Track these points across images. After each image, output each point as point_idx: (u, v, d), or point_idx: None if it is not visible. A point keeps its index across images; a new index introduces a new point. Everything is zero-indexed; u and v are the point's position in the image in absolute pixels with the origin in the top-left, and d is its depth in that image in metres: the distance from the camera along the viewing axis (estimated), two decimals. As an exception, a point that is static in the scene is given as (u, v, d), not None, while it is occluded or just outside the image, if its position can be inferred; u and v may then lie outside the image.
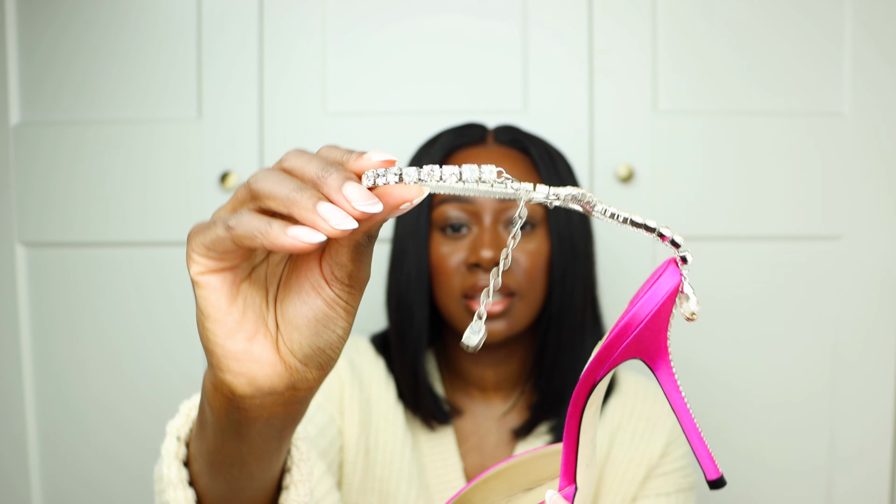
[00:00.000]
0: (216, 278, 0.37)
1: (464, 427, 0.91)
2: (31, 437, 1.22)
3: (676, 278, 0.38)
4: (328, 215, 0.33)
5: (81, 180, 1.20)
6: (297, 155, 0.37)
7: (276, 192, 0.34)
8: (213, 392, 0.39)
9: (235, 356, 0.37)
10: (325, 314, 0.38)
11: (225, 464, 0.44)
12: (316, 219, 0.33)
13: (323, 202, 0.34)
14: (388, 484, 0.86)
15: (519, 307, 0.85)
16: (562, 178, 0.88)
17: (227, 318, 0.37)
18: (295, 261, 0.39)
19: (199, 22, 1.18)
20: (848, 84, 1.16)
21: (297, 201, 0.34)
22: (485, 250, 0.81)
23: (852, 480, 1.18)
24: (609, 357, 0.38)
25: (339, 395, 0.86)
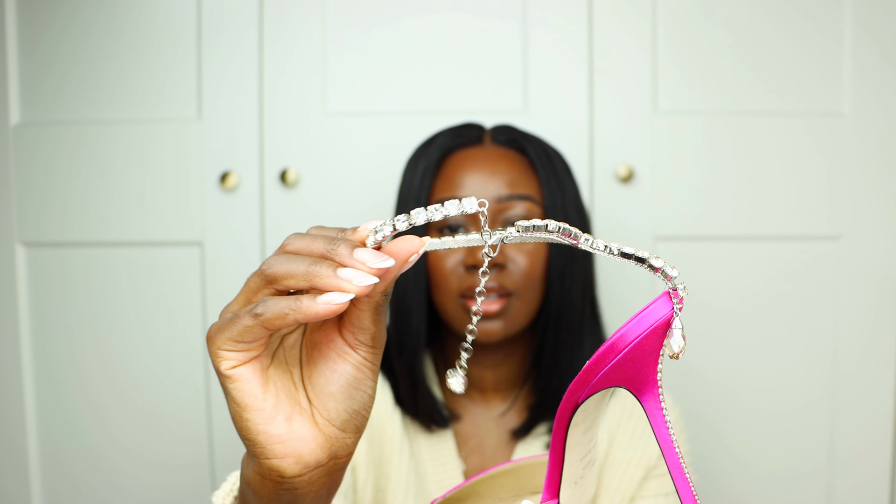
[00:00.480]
0: (247, 369, 0.38)
1: (463, 429, 0.91)
2: (30, 436, 1.22)
3: (667, 310, 0.36)
4: (350, 276, 0.36)
5: (81, 180, 1.20)
6: (298, 238, 0.39)
7: (294, 270, 0.37)
8: (261, 481, 0.40)
9: (279, 439, 0.38)
10: (355, 378, 0.40)
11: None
12: (339, 282, 0.36)
13: (342, 268, 0.36)
14: (386, 493, 0.86)
15: (516, 307, 0.85)
16: (559, 177, 0.87)
17: (265, 404, 0.38)
18: (312, 338, 0.41)
19: (199, 22, 1.18)
20: (848, 84, 1.16)
21: (317, 273, 0.36)
22: (482, 251, 0.81)
23: (852, 484, 1.18)
24: (590, 380, 0.38)
25: None
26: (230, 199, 1.18)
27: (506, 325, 0.85)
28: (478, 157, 0.86)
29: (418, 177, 0.87)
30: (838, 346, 1.18)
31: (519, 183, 0.85)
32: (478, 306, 0.40)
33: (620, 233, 1.17)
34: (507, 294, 0.84)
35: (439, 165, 0.87)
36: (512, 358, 0.91)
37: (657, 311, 0.36)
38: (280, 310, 0.36)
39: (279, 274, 0.37)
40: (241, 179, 1.18)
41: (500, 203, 0.84)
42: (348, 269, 0.36)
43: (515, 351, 0.91)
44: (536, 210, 0.85)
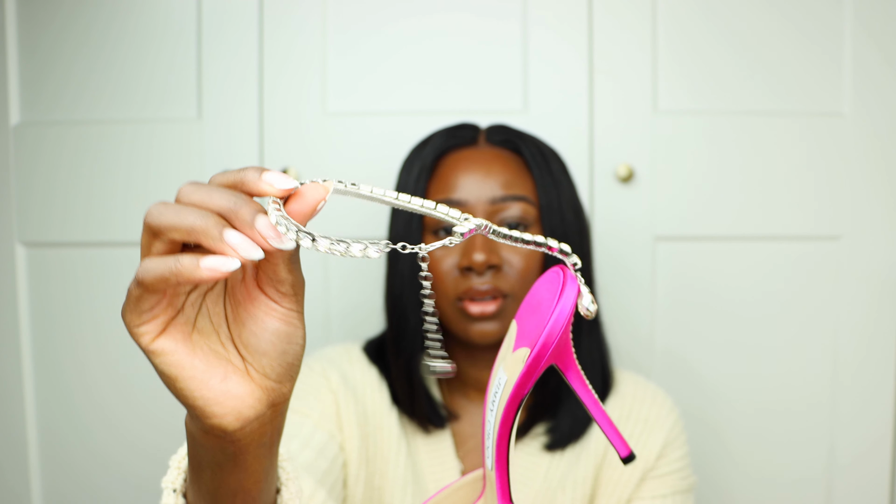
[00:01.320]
0: (168, 341, 0.38)
1: (461, 429, 0.91)
2: (30, 436, 1.23)
3: (576, 285, 0.40)
4: (236, 243, 0.34)
5: (82, 180, 1.20)
6: (195, 188, 0.36)
7: (179, 222, 0.35)
8: (205, 436, 0.40)
9: (216, 400, 0.38)
10: (284, 332, 0.39)
11: (228, 497, 0.44)
12: (224, 247, 0.34)
13: (229, 230, 0.34)
14: (383, 492, 0.86)
15: (512, 308, 0.84)
16: (554, 176, 0.87)
17: (195, 371, 0.38)
18: (234, 296, 0.40)
19: (199, 22, 1.18)
20: (848, 84, 1.16)
21: (203, 230, 0.34)
22: (477, 254, 0.81)
23: (852, 487, 1.18)
24: (536, 371, 0.40)
25: (335, 411, 0.85)
26: (230, 199, 1.18)
27: (501, 326, 0.84)
28: (472, 159, 0.86)
29: (413, 178, 0.87)
30: (838, 346, 1.18)
31: (514, 184, 0.85)
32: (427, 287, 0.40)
33: (620, 233, 1.17)
34: (503, 295, 0.84)
35: (434, 167, 0.87)
36: None
37: (571, 291, 0.39)
38: (159, 273, 0.35)
39: (162, 225, 0.35)
40: (241, 179, 1.18)
41: (495, 204, 0.84)
42: (236, 233, 0.34)
43: None
44: (532, 211, 0.85)
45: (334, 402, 0.85)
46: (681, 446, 0.89)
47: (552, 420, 0.88)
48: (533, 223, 0.85)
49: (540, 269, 0.86)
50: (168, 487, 0.48)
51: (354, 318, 1.16)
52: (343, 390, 0.86)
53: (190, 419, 0.41)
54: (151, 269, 0.35)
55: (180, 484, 0.49)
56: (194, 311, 0.40)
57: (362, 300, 1.16)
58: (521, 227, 0.84)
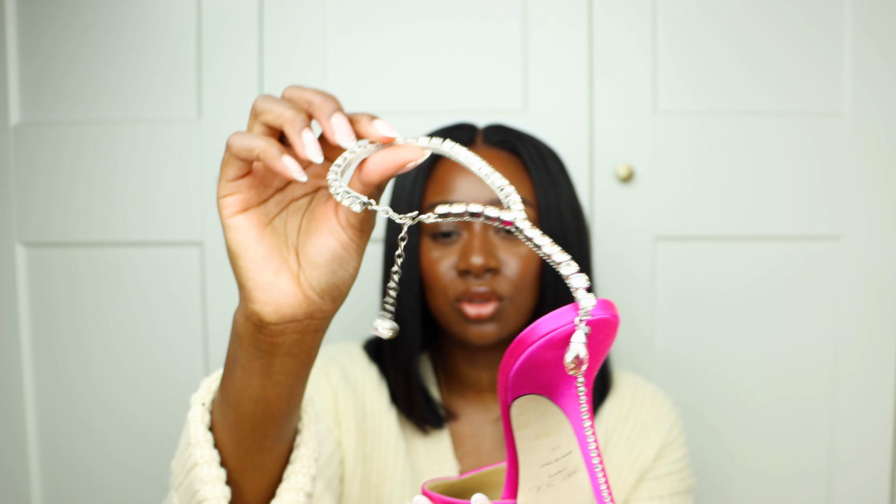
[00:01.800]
0: (243, 220, 0.43)
1: (460, 430, 0.90)
2: (31, 437, 1.23)
3: (568, 321, 0.35)
4: (307, 140, 0.40)
5: (82, 180, 1.20)
6: (298, 89, 0.42)
7: (271, 107, 0.41)
8: (244, 322, 0.45)
9: (264, 287, 0.43)
10: (339, 255, 0.43)
11: (249, 403, 0.47)
12: (296, 140, 0.40)
13: (307, 130, 0.40)
14: (382, 491, 0.85)
15: (509, 310, 0.84)
16: (553, 176, 0.86)
17: (255, 254, 0.43)
18: (313, 211, 0.45)
19: (200, 22, 1.18)
20: (848, 84, 1.16)
21: (288, 118, 0.40)
22: (475, 256, 0.81)
23: (852, 484, 1.18)
24: (506, 375, 0.37)
25: (333, 406, 0.85)
26: (230, 199, 1.18)
27: (499, 328, 0.84)
28: None
29: (410, 181, 0.86)
30: (838, 346, 1.18)
31: (513, 185, 0.84)
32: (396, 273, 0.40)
33: (620, 233, 1.17)
34: (499, 298, 0.83)
35: (431, 169, 0.86)
36: None
37: (555, 320, 0.35)
38: (247, 143, 0.41)
39: (259, 107, 0.41)
40: (241, 179, 1.18)
41: (494, 206, 0.83)
42: (309, 134, 0.40)
43: None
44: (530, 212, 0.84)
45: (333, 397, 0.85)
46: (679, 447, 0.89)
47: None
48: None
49: (538, 272, 0.85)
50: (197, 402, 0.51)
51: (350, 316, 1.16)
52: (342, 387, 0.86)
53: (238, 308, 0.45)
54: (243, 138, 0.41)
55: (208, 400, 0.52)
56: (276, 209, 0.45)
57: (357, 298, 1.16)
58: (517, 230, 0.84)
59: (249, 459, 0.50)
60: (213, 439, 0.50)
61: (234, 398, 0.48)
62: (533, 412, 0.38)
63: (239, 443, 0.49)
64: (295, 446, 0.53)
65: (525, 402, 0.38)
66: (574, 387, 0.36)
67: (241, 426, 0.49)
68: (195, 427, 0.50)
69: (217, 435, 0.50)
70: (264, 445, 0.50)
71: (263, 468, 0.51)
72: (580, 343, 0.34)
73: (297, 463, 0.52)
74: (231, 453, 0.50)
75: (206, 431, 0.50)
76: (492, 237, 0.83)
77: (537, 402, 0.38)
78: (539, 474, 0.39)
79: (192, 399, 0.52)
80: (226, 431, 0.50)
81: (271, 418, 0.48)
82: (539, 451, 0.39)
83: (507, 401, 0.38)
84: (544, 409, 0.38)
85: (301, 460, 0.52)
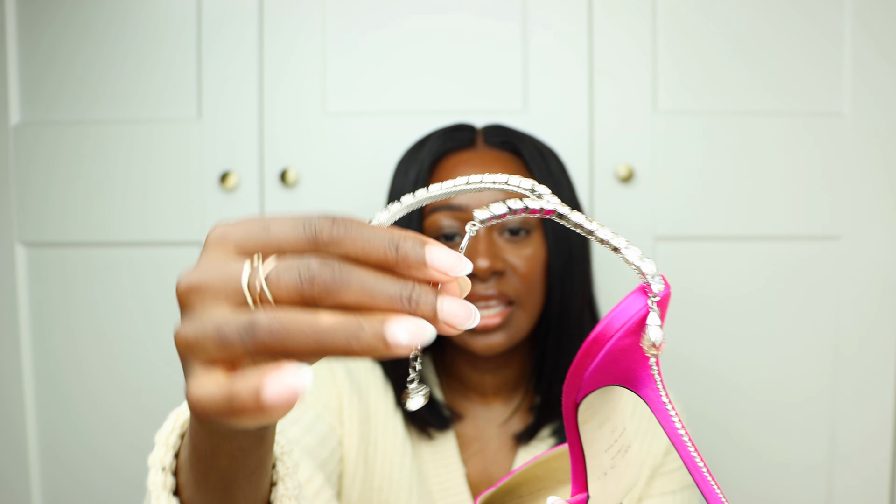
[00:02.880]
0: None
1: (465, 432, 0.90)
2: (30, 436, 1.22)
3: (641, 306, 0.34)
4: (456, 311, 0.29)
5: (81, 180, 1.20)
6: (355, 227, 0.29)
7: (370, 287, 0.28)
8: (235, 431, 0.36)
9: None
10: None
11: (244, 478, 0.41)
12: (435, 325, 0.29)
13: (447, 297, 0.29)
14: (388, 494, 0.84)
15: (518, 316, 0.83)
16: (554, 177, 0.86)
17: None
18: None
19: (199, 22, 1.18)
20: (848, 84, 1.16)
21: (416, 302, 0.28)
22: (480, 259, 0.79)
23: (852, 478, 1.18)
24: (578, 382, 0.35)
25: (338, 405, 0.84)
26: (230, 199, 1.18)
27: (508, 337, 0.83)
28: (471, 162, 0.84)
29: (410, 182, 0.85)
30: (838, 345, 1.18)
31: None
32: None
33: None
34: (509, 303, 0.82)
35: (431, 170, 0.85)
36: (512, 362, 0.90)
37: (629, 309, 0.34)
38: (337, 339, 0.27)
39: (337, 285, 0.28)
40: (241, 179, 1.18)
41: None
42: (453, 303, 0.29)
43: (515, 355, 0.89)
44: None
45: (338, 396, 0.84)
46: None
47: (558, 422, 0.87)
48: (534, 227, 0.84)
49: (544, 274, 0.84)
50: (156, 465, 0.43)
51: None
52: (348, 387, 0.85)
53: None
54: (208, 393, 0.28)
55: (169, 462, 0.44)
56: None
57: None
58: (522, 231, 0.83)
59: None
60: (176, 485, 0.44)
61: (220, 479, 0.40)
62: (597, 402, 0.37)
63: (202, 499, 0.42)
64: (271, 501, 0.46)
65: (593, 396, 0.36)
66: (648, 367, 0.35)
67: (206, 487, 0.41)
68: (155, 469, 0.43)
69: (180, 480, 0.43)
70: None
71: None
72: (656, 325, 0.33)
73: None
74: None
75: (166, 476, 0.43)
76: (496, 239, 0.82)
77: (602, 392, 0.37)
78: (604, 460, 0.39)
79: (150, 461, 0.44)
80: (188, 482, 0.42)
81: (265, 473, 0.42)
82: (603, 438, 0.39)
83: (576, 401, 0.36)
84: (607, 395, 0.37)
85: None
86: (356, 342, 0.27)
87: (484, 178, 0.34)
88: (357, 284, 0.28)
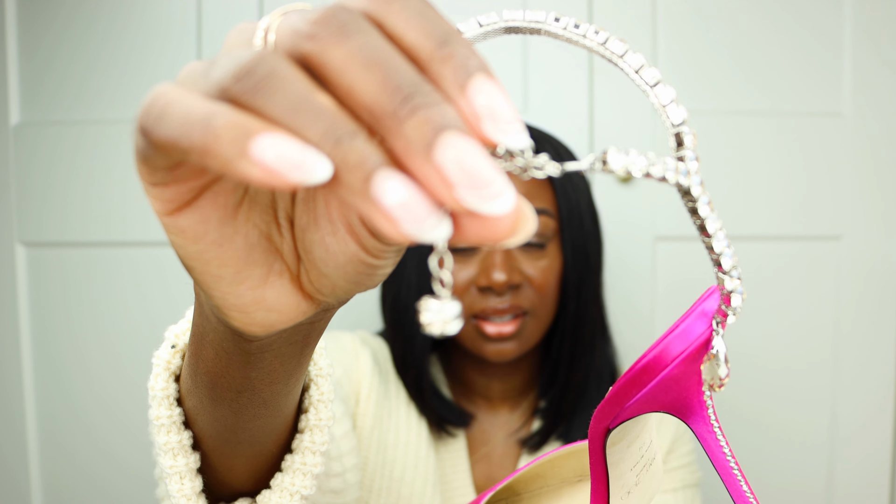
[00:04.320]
0: (191, 218, 0.24)
1: (473, 436, 0.89)
2: (31, 437, 1.22)
3: (703, 329, 0.29)
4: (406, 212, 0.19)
5: (82, 180, 1.20)
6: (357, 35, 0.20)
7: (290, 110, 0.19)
8: (216, 323, 0.29)
9: (242, 308, 0.26)
10: (365, 264, 0.25)
11: (230, 391, 0.34)
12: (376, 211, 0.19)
13: (391, 174, 0.19)
14: (413, 486, 0.82)
15: (531, 326, 0.82)
16: (574, 182, 0.83)
17: (222, 269, 0.25)
18: (317, 194, 0.26)
19: (200, 22, 1.18)
20: (847, 84, 1.16)
21: (343, 155, 0.19)
22: (497, 272, 0.77)
23: (852, 461, 1.18)
24: (618, 408, 0.31)
25: (358, 380, 0.81)
26: (230, 199, 1.18)
27: (520, 345, 0.82)
28: None
29: None
30: (838, 346, 1.18)
31: (534, 195, 0.79)
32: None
33: (621, 233, 1.17)
34: (522, 313, 0.80)
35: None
36: (521, 368, 0.89)
37: (690, 334, 0.29)
38: (177, 132, 0.19)
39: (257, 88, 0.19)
40: (241, 179, 1.18)
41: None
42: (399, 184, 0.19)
43: (524, 362, 0.88)
44: (551, 224, 0.80)
45: (359, 373, 0.81)
46: (687, 442, 0.89)
47: (565, 429, 0.86)
48: (552, 236, 0.81)
49: (558, 284, 0.82)
50: (169, 339, 0.39)
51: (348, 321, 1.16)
52: (371, 368, 0.82)
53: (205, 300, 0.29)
54: (170, 117, 0.20)
55: (183, 342, 0.39)
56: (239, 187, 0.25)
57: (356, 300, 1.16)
58: (540, 241, 0.80)
59: (230, 439, 0.37)
60: (183, 416, 0.38)
61: (206, 375, 0.33)
62: (630, 424, 0.34)
63: (213, 421, 0.36)
64: (298, 429, 0.40)
65: (630, 421, 0.33)
66: (701, 395, 0.30)
67: (219, 410, 0.35)
68: (155, 375, 0.39)
69: (188, 411, 0.38)
70: (249, 433, 0.37)
71: (251, 455, 0.38)
72: (723, 358, 0.28)
73: (297, 455, 0.40)
74: (206, 427, 0.37)
75: (168, 382, 0.39)
76: (513, 250, 0.79)
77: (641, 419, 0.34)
78: (629, 478, 0.36)
79: (167, 332, 0.39)
80: (199, 411, 0.37)
81: (262, 404, 0.35)
82: (630, 457, 0.36)
83: (609, 427, 0.32)
84: (642, 417, 0.34)
85: (303, 453, 0.40)
86: (209, 133, 0.19)
87: (588, 30, 0.25)
88: (285, 94, 0.19)
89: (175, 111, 0.20)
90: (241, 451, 0.38)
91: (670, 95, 0.25)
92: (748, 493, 0.30)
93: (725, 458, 0.30)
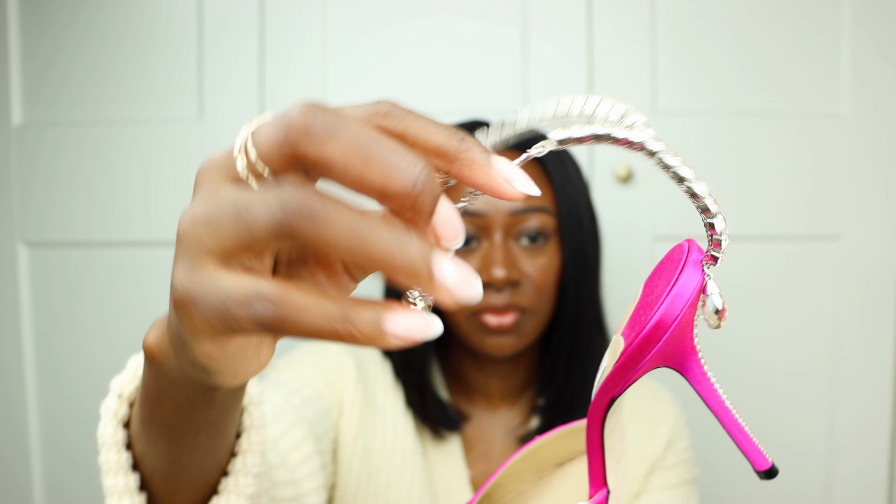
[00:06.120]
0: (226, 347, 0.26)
1: (470, 435, 0.89)
2: (33, 437, 1.23)
3: (698, 277, 0.32)
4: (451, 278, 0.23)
5: (83, 180, 1.20)
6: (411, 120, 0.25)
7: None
8: (185, 381, 0.30)
9: (236, 374, 0.28)
10: None
11: (189, 434, 0.36)
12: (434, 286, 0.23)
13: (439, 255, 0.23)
14: (399, 490, 0.83)
15: (529, 323, 0.83)
16: (573, 181, 0.85)
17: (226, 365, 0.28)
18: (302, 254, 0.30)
19: (201, 22, 1.18)
20: (846, 84, 1.16)
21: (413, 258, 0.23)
22: (497, 268, 0.78)
23: (850, 468, 1.18)
24: (632, 369, 0.33)
25: (341, 390, 0.83)
26: (231, 200, 1.18)
27: (517, 341, 0.83)
28: None
29: None
30: (837, 346, 1.18)
31: None
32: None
33: (620, 233, 1.17)
34: (520, 310, 0.81)
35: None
36: (519, 366, 0.89)
37: (688, 284, 0.32)
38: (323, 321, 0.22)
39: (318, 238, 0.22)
40: (242, 180, 1.18)
41: (515, 216, 0.80)
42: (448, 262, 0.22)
43: (522, 360, 0.89)
44: (549, 221, 0.82)
45: (342, 382, 0.83)
46: (684, 439, 0.89)
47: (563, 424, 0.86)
48: (551, 234, 0.83)
49: (557, 282, 0.83)
50: (114, 391, 0.40)
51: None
52: (355, 377, 0.83)
53: (163, 341, 0.31)
54: (293, 305, 0.23)
55: (129, 391, 0.40)
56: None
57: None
58: (540, 238, 0.82)
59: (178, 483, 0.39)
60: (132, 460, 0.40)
61: (164, 426, 0.35)
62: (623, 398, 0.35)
63: (157, 457, 0.38)
64: (235, 452, 0.42)
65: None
66: (692, 339, 0.33)
67: (175, 451, 0.37)
68: (105, 423, 0.39)
69: (137, 454, 0.39)
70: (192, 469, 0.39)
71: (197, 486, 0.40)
72: (717, 294, 0.31)
73: (231, 478, 0.41)
74: (150, 462, 0.39)
75: (117, 429, 0.40)
76: (513, 247, 0.81)
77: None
78: (617, 446, 0.37)
79: (112, 384, 0.40)
80: (148, 454, 0.38)
81: (216, 436, 0.38)
82: (619, 428, 0.38)
83: (615, 396, 0.34)
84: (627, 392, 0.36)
85: (237, 476, 0.41)
86: (352, 328, 0.23)
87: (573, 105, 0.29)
88: (344, 221, 0.22)
89: (312, 312, 0.23)
90: (189, 483, 0.39)
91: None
92: (745, 427, 0.33)
93: (718, 396, 0.33)
